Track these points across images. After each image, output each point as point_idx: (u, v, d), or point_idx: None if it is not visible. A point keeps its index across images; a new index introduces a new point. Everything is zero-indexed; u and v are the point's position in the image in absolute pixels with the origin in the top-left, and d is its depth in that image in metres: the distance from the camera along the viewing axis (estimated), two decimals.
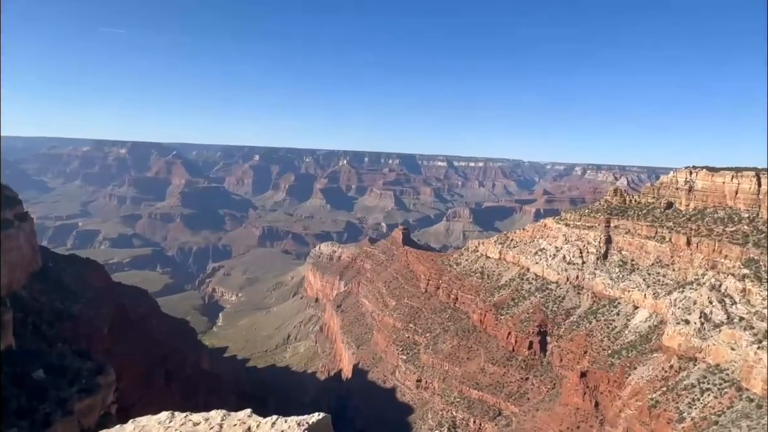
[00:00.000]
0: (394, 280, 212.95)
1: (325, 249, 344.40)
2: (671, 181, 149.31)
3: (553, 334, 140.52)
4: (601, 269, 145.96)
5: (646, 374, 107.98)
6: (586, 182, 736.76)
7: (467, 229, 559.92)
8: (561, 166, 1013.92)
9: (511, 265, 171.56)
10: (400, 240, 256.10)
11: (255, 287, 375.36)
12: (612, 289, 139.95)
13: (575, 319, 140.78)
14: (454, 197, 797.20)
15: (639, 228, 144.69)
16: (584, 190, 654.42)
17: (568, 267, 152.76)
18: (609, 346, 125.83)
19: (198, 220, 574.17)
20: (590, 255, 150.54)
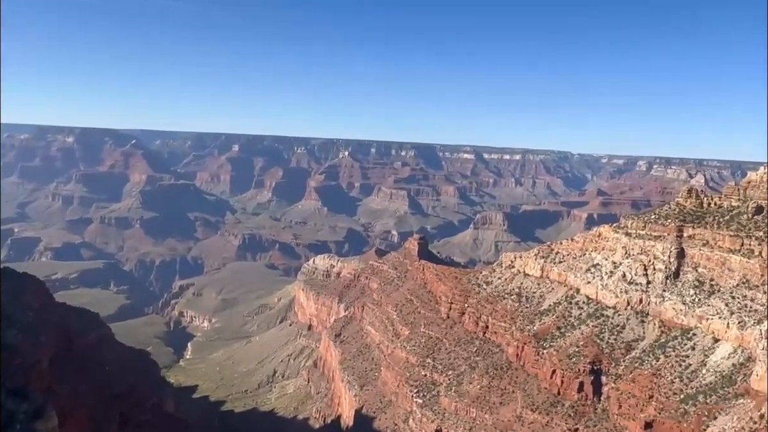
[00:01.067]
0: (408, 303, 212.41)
1: (321, 263, 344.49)
2: (761, 179, 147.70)
3: (609, 373, 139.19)
4: (672, 291, 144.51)
5: (729, 425, 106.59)
6: (651, 180, 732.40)
7: (500, 239, 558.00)
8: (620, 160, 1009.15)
9: (556, 285, 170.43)
10: (415, 252, 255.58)
11: (232, 311, 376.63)
12: (685, 317, 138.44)
13: (638, 354, 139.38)
14: (483, 198, 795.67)
15: (720, 239, 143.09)
16: (650, 190, 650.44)
17: (629, 288, 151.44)
18: (682, 389, 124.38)
19: (162, 225, 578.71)
20: (657, 273, 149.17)
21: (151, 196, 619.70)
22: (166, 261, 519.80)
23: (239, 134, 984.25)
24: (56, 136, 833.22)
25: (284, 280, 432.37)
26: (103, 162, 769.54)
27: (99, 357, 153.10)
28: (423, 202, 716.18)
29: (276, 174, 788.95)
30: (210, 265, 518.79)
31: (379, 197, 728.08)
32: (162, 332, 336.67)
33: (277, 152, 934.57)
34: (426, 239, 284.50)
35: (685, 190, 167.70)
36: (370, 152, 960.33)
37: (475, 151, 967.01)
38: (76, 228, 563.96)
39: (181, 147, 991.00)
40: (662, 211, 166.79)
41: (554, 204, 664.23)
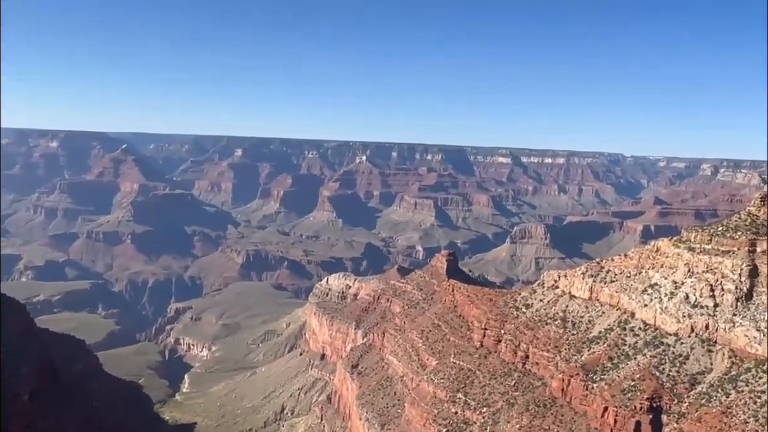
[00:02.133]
0: (435, 330, 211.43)
1: (336, 283, 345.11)
2: None
3: (671, 411, 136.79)
4: (744, 315, 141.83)
5: None
6: (718, 186, 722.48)
7: (542, 255, 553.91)
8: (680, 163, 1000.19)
9: (607, 309, 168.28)
10: (443, 270, 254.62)
11: (235, 338, 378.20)
12: (760, 345, 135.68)
13: (705, 388, 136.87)
14: (522, 208, 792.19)
15: None
16: (716, 197, 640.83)
17: (694, 312, 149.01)
18: (758, 429, 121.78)
19: (156, 241, 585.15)
20: (726, 294, 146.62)
21: (144, 208, 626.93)
22: (160, 281, 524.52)
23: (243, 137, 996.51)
24: (38, 140, 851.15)
25: (294, 302, 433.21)
26: (91, 170, 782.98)
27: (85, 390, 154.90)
28: (452, 213, 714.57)
29: (284, 182, 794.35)
30: (210, 286, 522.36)
31: (401, 208, 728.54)
32: (156, 362, 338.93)
33: (286, 157, 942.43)
34: (456, 255, 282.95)
35: (758, 197, 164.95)
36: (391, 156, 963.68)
37: (512, 154, 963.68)
38: (60, 244, 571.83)
39: (177, 152, 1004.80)
40: (731, 222, 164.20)
41: (604, 214, 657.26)
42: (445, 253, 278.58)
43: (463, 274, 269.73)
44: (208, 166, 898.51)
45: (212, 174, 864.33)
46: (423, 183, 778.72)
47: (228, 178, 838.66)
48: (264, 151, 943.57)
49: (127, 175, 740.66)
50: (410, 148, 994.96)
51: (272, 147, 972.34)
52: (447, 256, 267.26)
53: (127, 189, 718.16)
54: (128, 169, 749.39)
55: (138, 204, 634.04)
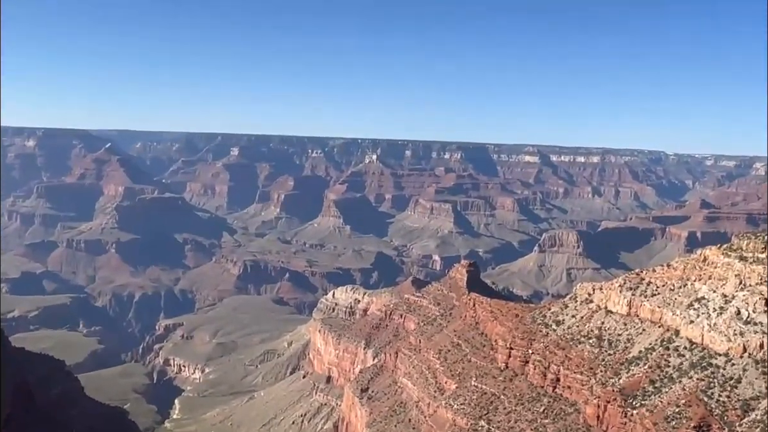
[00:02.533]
0: (455, 349, 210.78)
1: (343, 297, 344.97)
2: None
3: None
4: None
5: None
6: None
7: (574, 266, 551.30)
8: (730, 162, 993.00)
9: (648, 326, 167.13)
10: (463, 283, 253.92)
11: (231, 358, 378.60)
12: None
13: (759, 415, 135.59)
14: (551, 213, 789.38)
15: None
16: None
17: (746, 329, 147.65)
18: None
19: (143, 250, 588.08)
20: None
21: (130, 214, 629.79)
22: (148, 295, 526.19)
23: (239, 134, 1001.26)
24: (13, 139, 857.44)
25: (296, 318, 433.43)
26: (71, 171, 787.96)
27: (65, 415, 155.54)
28: (473, 219, 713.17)
29: (285, 184, 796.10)
30: (203, 301, 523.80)
31: (416, 213, 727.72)
32: (143, 385, 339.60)
33: (287, 157, 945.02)
34: (477, 266, 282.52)
35: None
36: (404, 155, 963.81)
37: (540, 153, 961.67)
38: (37, 254, 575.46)
39: (166, 151, 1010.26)
40: None
41: (644, 219, 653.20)
42: (465, 263, 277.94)
43: (485, 287, 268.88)
44: (200, 167, 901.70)
45: (205, 176, 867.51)
46: (440, 185, 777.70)
47: (223, 181, 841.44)
48: (263, 150, 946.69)
49: (112, 177, 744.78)
50: (426, 146, 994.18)
51: (272, 145, 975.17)
52: (467, 266, 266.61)
53: (112, 193, 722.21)
54: (112, 170, 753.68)
55: (123, 209, 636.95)
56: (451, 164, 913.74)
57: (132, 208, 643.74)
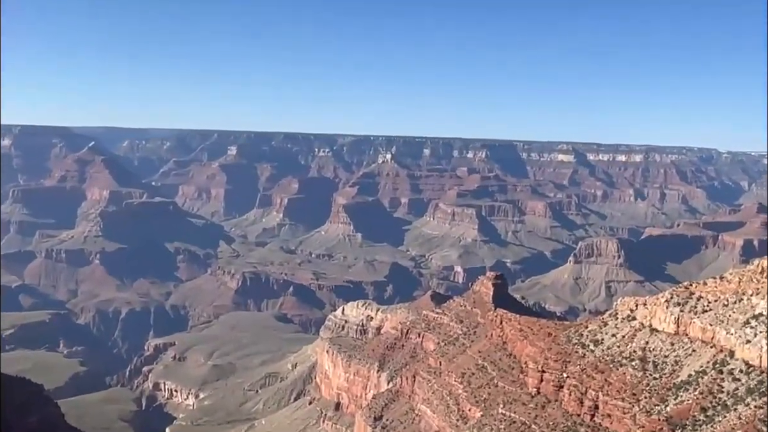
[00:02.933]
0: (480, 372, 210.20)
1: (354, 314, 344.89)
2: None
3: None
4: None
5: None
6: None
7: (614, 278, 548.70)
8: None
9: (698, 346, 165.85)
10: (489, 298, 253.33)
11: (229, 382, 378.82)
12: None
13: None
14: (588, 219, 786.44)
15: None
16: None
17: None
18: None
19: (131, 261, 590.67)
20: None
21: (116, 221, 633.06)
22: (135, 311, 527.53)
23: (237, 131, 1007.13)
24: None
25: (301, 338, 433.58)
26: (51, 173, 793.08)
27: None
28: (500, 225, 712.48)
29: (289, 187, 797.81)
30: (197, 318, 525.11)
31: (435, 219, 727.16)
32: (130, 412, 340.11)
33: (291, 156, 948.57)
34: (505, 278, 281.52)
35: None
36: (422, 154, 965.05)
37: (576, 151, 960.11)
38: (12, 265, 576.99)
39: (156, 150, 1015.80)
40: None
41: (693, 226, 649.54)
42: (491, 275, 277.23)
43: (514, 302, 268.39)
44: (194, 168, 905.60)
45: (200, 178, 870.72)
46: (463, 187, 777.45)
47: (219, 183, 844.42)
48: (264, 149, 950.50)
49: (95, 180, 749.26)
50: (446, 144, 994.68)
51: (274, 144, 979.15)
52: (494, 279, 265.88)
53: (95, 197, 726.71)
54: (96, 172, 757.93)
55: (108, 215, 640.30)
56: (475, 164, 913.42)
57: (118, 215, 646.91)
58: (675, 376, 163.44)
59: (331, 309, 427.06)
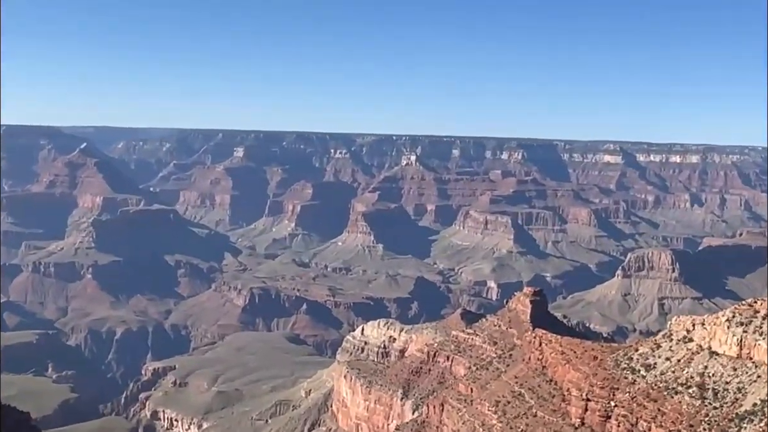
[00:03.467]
0: (516, 400, 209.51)
1: (374, 334, 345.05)
2: None
3: None
4: None
5: None
6: None
7: (668, 295, 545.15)
8: None
9: (764, 371, 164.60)
10: (527, 316, 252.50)
11: (235, 411, 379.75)
12: None
13: None
14: (638, 227, 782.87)
15: None
16: None
17: None
18: None
19: (126, 276, 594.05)
20: None
21: (110, 231, 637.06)
22: (132, 331, 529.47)
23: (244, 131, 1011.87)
24: None
25: (316, 361, 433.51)
26: (39, 178, 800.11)
27: None
28: (538, 235, 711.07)
29: (302, 192, 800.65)
30: (200, 338, 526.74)
31: (466, 228, 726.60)
32: None
33: (305, 158, 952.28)
34: (544, 295, 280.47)
35: None
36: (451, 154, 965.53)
37: (624, 151, 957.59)
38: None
39: (155, 152, 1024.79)
40: None
41: (758, 235, 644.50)
42: (528, 291, 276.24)
43: (554, 322, 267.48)
44: (197, 172, 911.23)
45: (203, 183, 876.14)
46: (496, 192, 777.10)
47: (225, 189, 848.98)
48: (274, 150, 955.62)
49: (88, 186, 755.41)
50: (478, 144, 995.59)
51: (285, 144, 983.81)
52: (532, 295, 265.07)
53: (87, 204, 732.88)
54: (89, 176, 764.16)
55: (102, 225, 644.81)
56: (510, 166, 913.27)
57: (113, 224, 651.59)
58: (738, 405, 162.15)
59: (349, 329, 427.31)
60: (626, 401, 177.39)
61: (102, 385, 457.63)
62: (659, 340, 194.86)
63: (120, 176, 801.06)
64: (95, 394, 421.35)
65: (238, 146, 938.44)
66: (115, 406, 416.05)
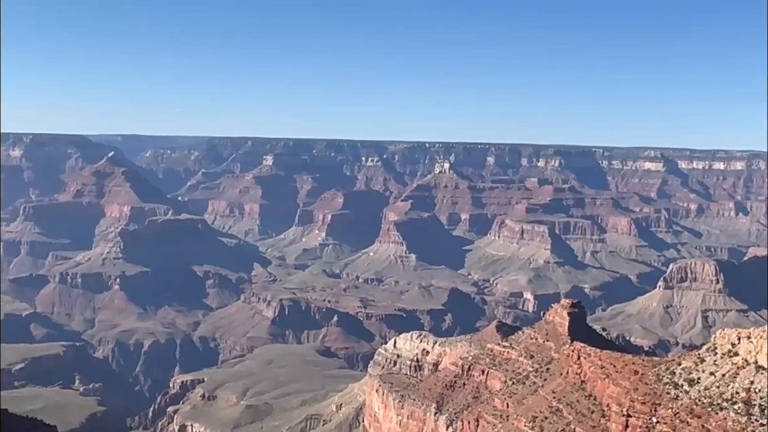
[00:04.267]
0: (554, 416, 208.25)
1: (407, 347, 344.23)
2: None
3: None
4: None
5: None
6: None
7: (712, 306, 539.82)
8: None
9: None
10: (565, 329, 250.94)
11: (265, 425, 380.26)
12: None
13: None
14: (680, 237, 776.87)
15: None
16: None
17: None
18: None
19: (154, 286, 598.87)
20: None
21: (138, 241, 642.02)
22: (159, 344, 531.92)
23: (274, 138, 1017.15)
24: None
25: (347, 375, 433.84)
26: (66, 187, 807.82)
27: None
28: (576, 245, 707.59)
29: (333, 201, 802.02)
30: (228, 351, 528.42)
31: (501, 237, 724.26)
32: None
33: (335, 166, 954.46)
34: (583, 307, 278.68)
35: None
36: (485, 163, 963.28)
37: (665, 158, 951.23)
38: (23, 291, 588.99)
39: (183, 161, 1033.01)
40: None
41: None
42: (566, 303, 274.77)
43: (593, 335, 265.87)
44: (226, 181, 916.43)
45: (232, 192, 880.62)
46: (533, 201, 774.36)
47: (254, 198, 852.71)
48: (304, 158, 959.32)
49: (115, 195, 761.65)
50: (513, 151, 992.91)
51: (315, 152, 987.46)
52: (570, 307, 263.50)
53: (115, 214, 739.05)
54: (116, 185, 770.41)
55: (129, 235, 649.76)
56: (547, 174, 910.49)
57: (140, 234, 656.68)
58: None
59: (381, 342, 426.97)
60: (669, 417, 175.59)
61: (129, 398, 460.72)
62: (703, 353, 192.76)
63: (148, 185, 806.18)
64: (122, 408, 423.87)
65: (267, 154, 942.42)
66: (143, 419, 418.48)
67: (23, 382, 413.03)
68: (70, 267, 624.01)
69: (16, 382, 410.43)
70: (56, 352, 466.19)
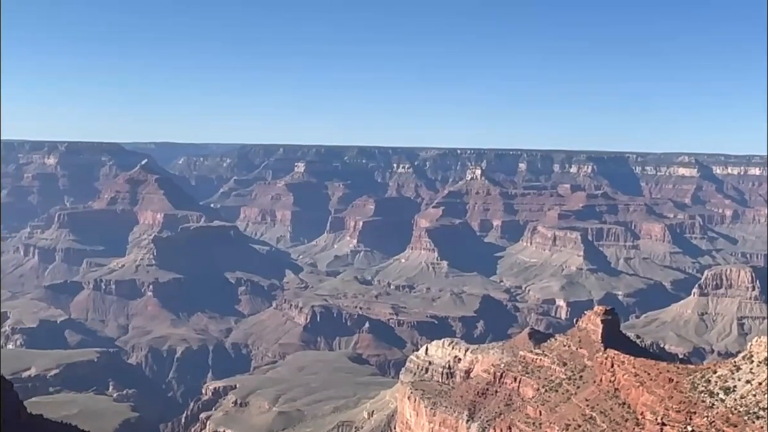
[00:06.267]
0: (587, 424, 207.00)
1: (439, 354, 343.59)
2: None
3: None
4: None
5: None
6: None
7: (748, 314, 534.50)
8: None
9: None
10: (598, 336, 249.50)
11: (296, 431, 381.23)
12: None
13: None
14: (715, 243, 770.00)
15: None
16: None
17: None
18: None
19: (187, 293, 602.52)
20: None
21: (171, 248, 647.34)
22: (192, 350, 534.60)
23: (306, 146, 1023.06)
24: (31, 155, 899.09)
25: (379, 381, 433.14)
26: (100, 194, 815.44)
27: None
28: (609, 251, 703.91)
29: (365, 208, 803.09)
30: (261, 357, 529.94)
31: (534, 244, 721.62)
32: None
33: (367, 173, 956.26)
34: (616, 314, 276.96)
35: None
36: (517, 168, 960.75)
37: (699, 163, 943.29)
38: (57, 298, 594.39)
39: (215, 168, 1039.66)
40: None
41: None
42: (599, 310, 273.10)
43: (627, 342, 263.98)
44: (258, 188, 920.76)
45: (264, 198, 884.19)
46: (565, 207, 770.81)
47: (286, 205, 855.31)
48: (335, 165, 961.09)
49: (149, 202, 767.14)
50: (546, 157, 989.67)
51: (347, 159, 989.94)
52: (603, 314, 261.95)
53: (148, 221, 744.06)
54: (149, 193, 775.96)
55: (163, 242, 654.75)
56: (580, 180, 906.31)
57: (173, 241, 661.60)
58: None
59: (413, 349, 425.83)
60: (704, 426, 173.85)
61: (162, 404, 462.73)
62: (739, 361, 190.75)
63: (181, 193, 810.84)
64: (156, 414, 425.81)
65: (299, 161, 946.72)
66: (176, 425, 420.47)
67: (58, 388, 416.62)
68: (104, 274, 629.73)
69: (51, 388, 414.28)
70: (90, 358, 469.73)
